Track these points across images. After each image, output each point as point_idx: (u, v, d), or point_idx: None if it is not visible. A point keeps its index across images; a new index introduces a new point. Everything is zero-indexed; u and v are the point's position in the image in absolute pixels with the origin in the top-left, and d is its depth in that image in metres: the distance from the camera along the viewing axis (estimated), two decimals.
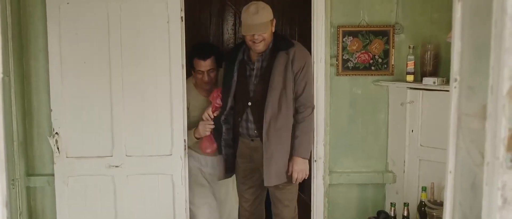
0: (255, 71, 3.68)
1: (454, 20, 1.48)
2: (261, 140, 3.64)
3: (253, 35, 3.55)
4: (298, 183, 3.78)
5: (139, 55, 3.75)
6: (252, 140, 3.75)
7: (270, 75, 3.58)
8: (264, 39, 3.57)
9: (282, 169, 3.67)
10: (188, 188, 3.92)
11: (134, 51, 3.74)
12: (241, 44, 3.85)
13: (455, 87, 1.47)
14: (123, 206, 3.88)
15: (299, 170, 3.65)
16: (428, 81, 3.73)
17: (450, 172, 1.51)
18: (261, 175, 3.75)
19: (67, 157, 3.82)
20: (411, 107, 3.87)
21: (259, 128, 3.64)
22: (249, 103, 3.69)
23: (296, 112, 3.67)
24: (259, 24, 3.53)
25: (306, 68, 3.67)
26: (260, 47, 3.59)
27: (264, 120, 3.58)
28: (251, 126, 3.71)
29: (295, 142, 3.66)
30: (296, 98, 3.65)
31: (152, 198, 3.88)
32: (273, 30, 3.65)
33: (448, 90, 3.59)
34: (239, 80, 3.74)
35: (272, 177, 3.65)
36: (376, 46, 4.00)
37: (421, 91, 3.82)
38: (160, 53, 3.75)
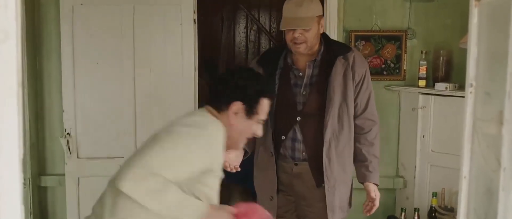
0: (304, 79, 2.91)
1: (471, 26, 1.47)
2: (310, 164, 2.94)
3: (293, 33, 2.80)
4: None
5: (152, 56, 3.76)
6: (296, 164, 2.96)
7: (328, 85, 2.85)
8: (306, 41, 2.81)
9: (346, 200, 3.07)
10: None
11: (146, 53, 3.76)
12: (282, 47, 3.06)
13: (470, 92, 1.47)
14: None
15: (378, 196, 3.00)
16: (440, 86, 3.72)
17: (465, 177, 1.50)
18: (297, 208, 3.09)
19: (78, 158, 3.84)
20: (422, 112, 3.86)
21: (310, 149, 2.92)
22: (298, 119, 2.91)
23: (359, 131, 2.99)
24: (302, 18, 2.78)
25: (368, 76, 2.99)
26: (301, 49, 2.83)
27: (324, 140, 2.86)
28: (299, 146, 2.93)
29: (368, 166, 2.97)
30: (358, 114, 2.97)
31: None
32: (322, 31, 2.92)
33: (460, 96, 3.62)
34: (282, 90, 2.94)
35: (335, 211, 2.97)
36: (388, 51, 4.00)
37: (432, 96, 3.81)
38: (173, 55, 3.76)
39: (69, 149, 3.80)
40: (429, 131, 3.85)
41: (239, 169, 2.79)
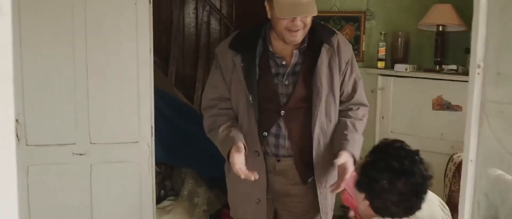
0: (289, 68, 2.60)
1: (478, 5, 1.43)
2: (295, 161, 2.66)
3: (294, 20, 2.47)
4: None
5: (105, 38, 3.58)
6: (279, 160, 2.66)
7: (314, 76, 2.57)
8: (305, 26, 2.52)
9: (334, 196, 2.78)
10: None
11: (99, 34, 3.57)
12: (258, 30, 2.69)
13: (478, 73, 1.43)
14: (87, 195, 3.72)
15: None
16: (400, 67, 3.74)
17: (471, 160, 1.46)
18: (276, 205, 2.82)
19: (27, 145, 3.62)
20: (381, 94, 3.87)
21: (296, 144, 2.63)
22: (282, 113, 2.60)
23: (345, 108, 2.70)
24: (308, 3, 2.46)
25: (353, 61, 2.71)
26: (298, 38, 2.52)
27: (313, 136, 2.59)
28: (284, 142, 2.62)
29: (347, 135, 2.60)
30: (346, 100, 2.69)
31: (118, 187, 3.73)
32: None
33: (419, 77, 3.64)
34: (263, 81, 2.61)
35: (329, 212, 2.77)
36: (347, 32, 3.98)
37: (392, 78, 3.83)
38: (127, 36, 3.59)
39: (17, 136, 3.59)
40: (388, 112, 3.87)
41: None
